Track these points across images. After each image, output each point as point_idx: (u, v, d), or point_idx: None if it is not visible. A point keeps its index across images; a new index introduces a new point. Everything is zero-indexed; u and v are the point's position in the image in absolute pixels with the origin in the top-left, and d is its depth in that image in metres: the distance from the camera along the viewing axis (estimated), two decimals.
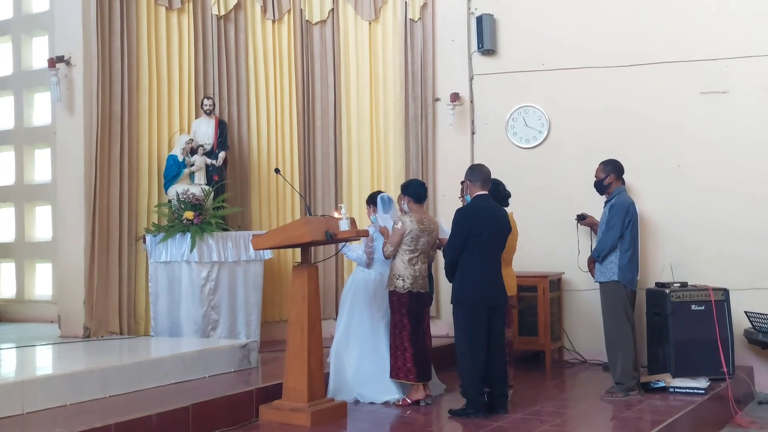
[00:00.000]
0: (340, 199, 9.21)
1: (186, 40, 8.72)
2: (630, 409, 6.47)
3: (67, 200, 8.10)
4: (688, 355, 7.32)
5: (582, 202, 8.24)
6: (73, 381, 5.76)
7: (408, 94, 9.23)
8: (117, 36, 8.15)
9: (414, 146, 9.19)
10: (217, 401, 5.95)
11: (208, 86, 8.85)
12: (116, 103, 8.11)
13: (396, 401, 6.63)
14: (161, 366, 6.47)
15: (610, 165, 7.13)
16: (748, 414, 7.24)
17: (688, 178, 8.31)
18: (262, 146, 9.17)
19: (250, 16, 9.18)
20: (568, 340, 8.69)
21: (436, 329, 7.91)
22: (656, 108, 8.43)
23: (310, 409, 5.95)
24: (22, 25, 10.22)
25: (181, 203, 7.93)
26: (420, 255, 6.65)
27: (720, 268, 8.01)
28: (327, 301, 9.03)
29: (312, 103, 9.43)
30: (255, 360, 7.30)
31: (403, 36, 9.25)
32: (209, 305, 7.92)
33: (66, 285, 8.12)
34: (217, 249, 7.94)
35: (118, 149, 8.10)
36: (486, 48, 8.99)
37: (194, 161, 8.26)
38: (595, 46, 8.65)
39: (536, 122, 8.93)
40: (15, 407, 5.34)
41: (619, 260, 6.87)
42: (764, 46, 8.08)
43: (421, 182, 7.05)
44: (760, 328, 7.62)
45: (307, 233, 5.98)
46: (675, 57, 8.36)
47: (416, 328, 6.62)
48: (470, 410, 6.15)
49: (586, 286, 8.24)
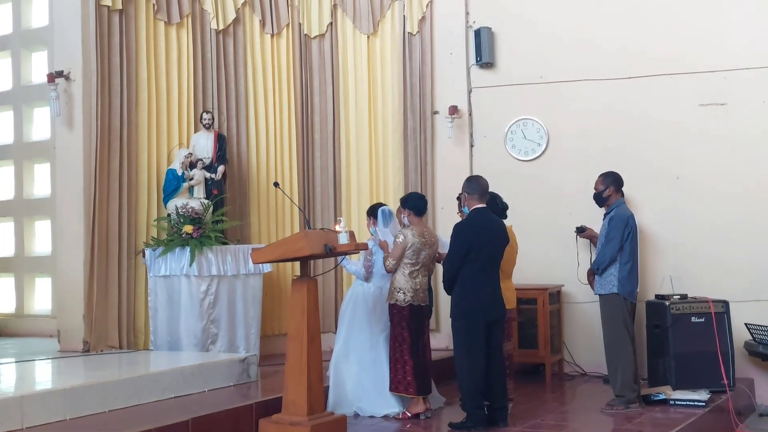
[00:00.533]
0: (339, 213, 9.23)
1: (185, 55, 8.74)
2: (630, 422, 6.45)
3: (67, 215, 8.10)
4: (689, 367, 7.30)
5: (581, 214, 8.25)
6: (73, 396, 5.75)
7: (406, 107, 9.25)
8: (116, 51, 8.18)
9: (413, 159, 9.20)
10: (216, 415, 5.93)
11: (207, 100, 8.87)
12: (115, 118, 8.13)
13: (396, 415, 6.62)
14: (161, 380, 6.45)
15: (609, 177, 7.14)
16: (749, 426, 7.22)
17: (687, 190, 8.32)
18: (261, 160, 9.19)
19: (248, 30, 9.21)
20: (568, 352, 8.67)
21: (436, 342, 7.90)
22: (655, 120, 8.45)
23: (309, 423, 5.93)
24: (21, 40, 10.24)
25: (181, 217, 7.94)
26: (421, 268, 6.66)
27: (720, 280, 8.02)
28: (326, 315, 9.02)
29: (311, 116, 9.45)
30: (254, 374, 7.29)
31: (402, 49, 9.28)
32: (209, 319, 7.91)
33: (65, 299, 8.11)
34: (217, 263, 7.94)
35: (118, 163, 8.12)
36: (484, 61, 9.02)
37: (193, 175, 8.27)
38: (594, 58, 8.68)
39: (535, 135, 8.94)
40: (14, 422, 5.32)
41: (619, 273, 6.88)
42: (763, 59, 8.11)
43: (420, 195, 7.04)
44: (760, 340, 7.61)
45: (306, 247, 5.98)
46: (674, 69, 8.38)
47: (416, 341, 6.62)
48: (470, 423, 6.13)
49: (586, 298, 8.24)
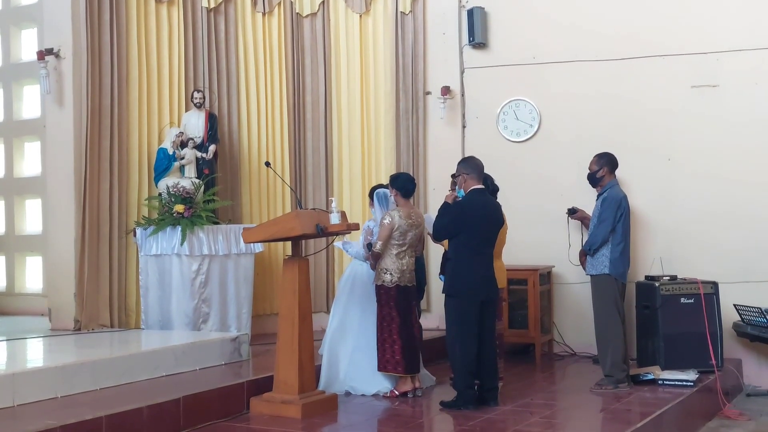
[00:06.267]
0: (331, 193, 9.22)
1: (176, 33, 8.69)
2: (619, 401, 6.50)
3: (57, 193, 8.08)
4: (677, 347, 7.35)
5: (573, 195, 8.26)
6: (64, 373, 5.76)
7: (399, 87, 9.22)
8: (106, 28, 8.12)
9: (405, 140, 9.19)
10: (207, 394, 5.95)
11: (198, 79, 8.83)
12: (106, 96, 8.08)
13: (385, 393, 6.65)
14: (152, 359, 6.46)
15: (604, 158, 7.15)
16: (737, 406, 7.28)
17: (678, 172, 8.34)
18: (252, 139, 9.16)
19: (240, 8, 9.15)
20: (558, 332, 8.71)
21: (426, 322, 7.93)
22: (647, 101, 8.45)
23: (300, 402, 5.97)
24: (10, 17, 10.16)
25: (172, 196, 7.92)
26: (407, 249, 6.67)
27: (710, 262, 8.05)
28: (318, 294, 9.05)
29: (302, 96, 9.42)
30: (246, 353, 7.30)
31: (394, 29, 9.25)
32: (200, 298, 7.91)
33: (56, 278, 8.11)
34: (208, 242, 7.93)
35: (108, 142, 8.08)
36: (477, 41, 8.99)
37: (184, 154, 8.25)
38: (586, 39, 8.66)
39: (527, 116, 8.94)
40: (6, 400, 5.33)
41: (611, 253, 6.91)
42: (755, 40, 8.10)
43: (410, 177, 6.94)
44: (748, 321, 7.66)
45: (297, 226, 5.99)
46: (666, 50, 8.37)
47: (405, 320, 6.64)
48: (460, 402, 6.17)
49: (576, 279, 8.28)
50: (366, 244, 6.76)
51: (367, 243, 6.74)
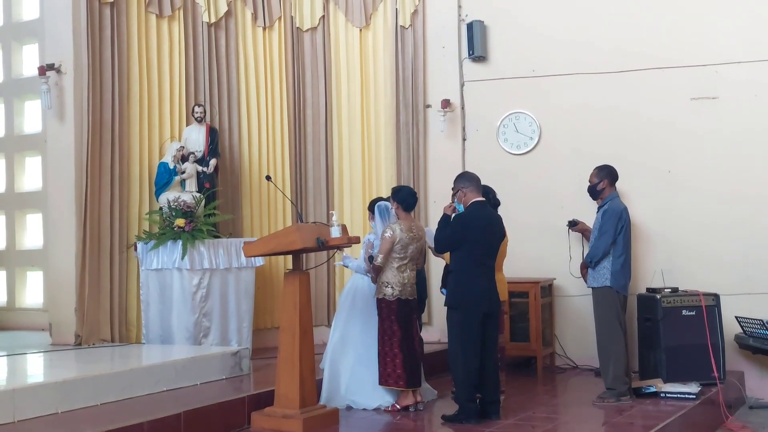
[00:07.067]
0: (332, 206, 9.22)
1: (177, 48, 8.71)
2: (621, 414, 6.48)
3: (58, 208, 8.07)
4: (679, 360, 7.34)
5: (573, 208, 8.25)
6: (65, 389, 5.75)
7: (399, 100, 9.25)
8: (108, 43, 8.14)
9: (405, 153, 9.20)
10: (208, 408, 5.94)
11: (199, 93, 8.84)
12: (107, 111, 8.09)
13: (386, 407, 6.64)
14: (153, 373, 6.45)
15: (604, 170, 7.17)
16: (739, 419, 7.25)
17: (679, 184, 8.34)
18: (253, 153, 9.17)
19: (240, 23, 9.18)
20: (559, 345, 8.70)
21: (428, 335, 7.93)
22: (647, 114, 8.46)
23: (301, 416, 5.95)
24: (12, 32, 10.20)
25: (172, 210, 7.92)
26: (409, 262, 6.66)
27: (711, 273, 8.04)
28: (319, 308, 9.04)
29: (303, 110, 9.44)
30: (247, 367, 7.29)
31: (394, 43, 9.28)
32: (201, 312, 7.90)
33: (57, 293, 8.09)
34: (209, 256, 7.93)
35: (109, 157, 8.09)
36: (477, 54, 9.02)
37: (185, 168, 8.25)
38: (586, 52, 8.68)
39: (527, 128, 8.95)
40: (6, 415, 5.32)
41: (612, 266, 6.91)
42: (754, 52, 8.13)
43: (412, 191, 6.90)
44: (750, 333, 7.65)
45: (298, 240, 5.99)
46: (665, 63, 8.39)
47: (406, 334, 6.63)
48: (462, 416, 6.16)
49: (578, 291, 8.27)
50: (367, 257, 6.76)
51: (369, 256, 6.73)
